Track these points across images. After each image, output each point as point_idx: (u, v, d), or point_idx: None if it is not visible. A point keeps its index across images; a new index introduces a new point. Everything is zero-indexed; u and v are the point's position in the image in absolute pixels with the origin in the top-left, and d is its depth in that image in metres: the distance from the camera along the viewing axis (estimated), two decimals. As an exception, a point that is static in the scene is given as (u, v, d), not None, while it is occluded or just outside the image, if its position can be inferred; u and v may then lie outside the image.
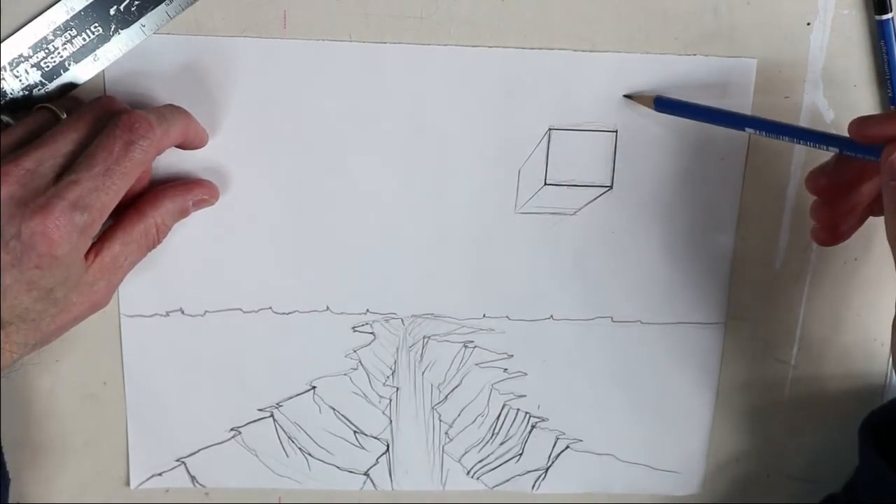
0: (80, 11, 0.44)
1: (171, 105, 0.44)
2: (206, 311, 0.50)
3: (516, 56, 0.46)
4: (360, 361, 0.51)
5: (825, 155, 0.49)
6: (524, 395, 0.53)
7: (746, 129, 0.45)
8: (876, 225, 0.45)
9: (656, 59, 0.47)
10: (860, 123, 0.41)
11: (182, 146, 0.45)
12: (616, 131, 0.48)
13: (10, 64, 0.44)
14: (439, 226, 0.49)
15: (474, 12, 0.46)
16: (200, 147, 0.46)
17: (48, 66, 0.44)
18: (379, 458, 0.53)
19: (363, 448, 0.53)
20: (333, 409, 0.52)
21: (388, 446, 0.53)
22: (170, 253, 0.48)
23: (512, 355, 0.52)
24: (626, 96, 0.47)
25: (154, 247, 0.45)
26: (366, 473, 0.54)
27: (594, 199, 0.49)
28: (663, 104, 0.46)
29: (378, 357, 0.51)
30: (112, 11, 0.44)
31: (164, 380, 0.51)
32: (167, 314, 0.49)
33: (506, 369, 0.52)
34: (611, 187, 0.49)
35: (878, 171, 0.40)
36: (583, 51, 0.47)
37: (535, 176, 0.48)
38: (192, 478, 0.53)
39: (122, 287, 0.47)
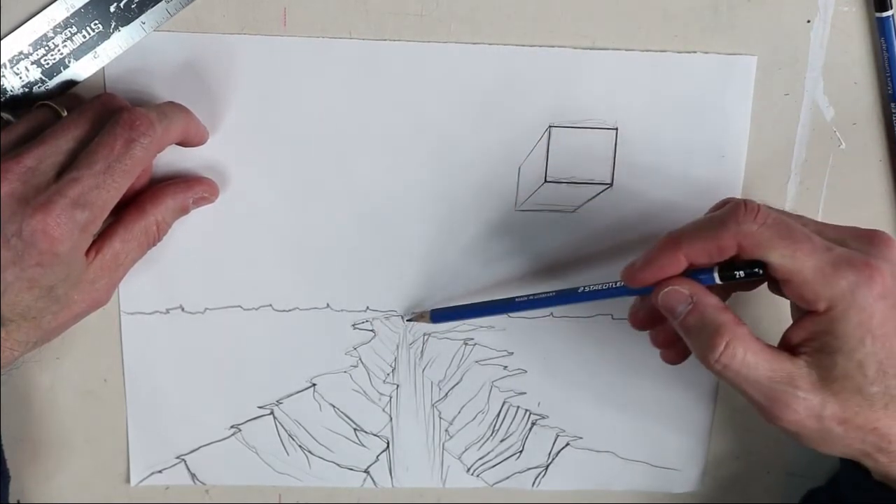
0: (80, 9, 0.44)
1: (171, 102, 0.44)
2: (206, 309, 0.50)
3: (516, 53, 0.46)
4: (360, 359, 0.51)
5: (825, 156, 0.49)
6: (524, 393, 0.53)
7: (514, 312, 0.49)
8: (876, 225, 0.45)
9: (656, 56, 0.47)
10: (627, 274, 0.43)
11: (182, 143, 0.45)
12: (616, 129, 0.48)
13: (11, 61, 0.44)
14: (439, 223, 0.49)
15: (474, 9, 0.46)
16: (201, 144, 0.46)
17: (48, 64, 0.44)
18: (379, 455, 0.53)
19: (363, 445, 0.53)
20: (333, 406, 0.52)
21: (388, 443, 0.53)
22: (170, 250, 0.48)
23: (512, 353, 0.52)
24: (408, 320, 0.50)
25: (154, 244, 0.45)
26: (366, 471, 0.54)
27: (594, 196, 0.49)
28: (439, 317, 0.49)
29: (378, 354, 0.51)
30: (112, 9, 0.44)
31: (165, 377, 0.51)
32: (167, 311, 0.49)
33: (506, 367, 0.52)
34: (611, 185, 0.49)
35: None
36: (583, 48, 0.47)
37: (535, 173, 0.48)
38: (193, 475, 0.53)
39: (123, 284, 0.47)
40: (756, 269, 0.40)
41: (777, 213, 0.40)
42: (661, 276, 0.42)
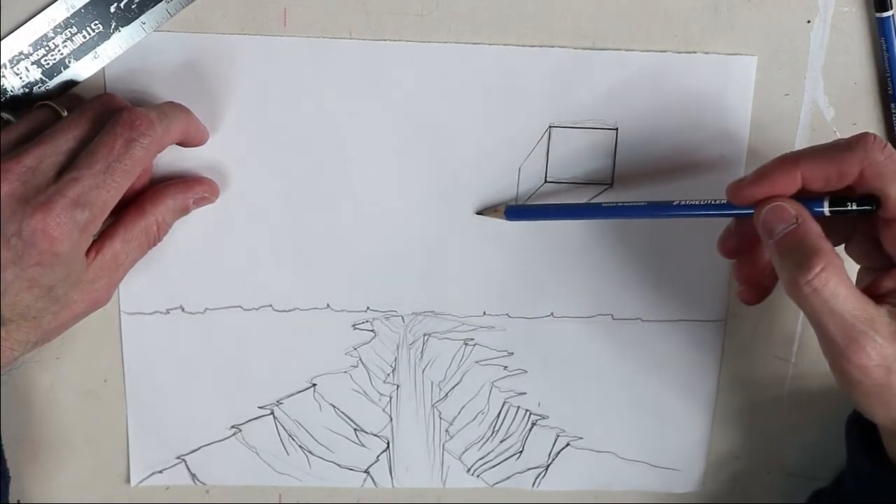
0: (80, 9, 0.44)
1: (171, 102, 0.44)
2: (206, 309, 0.50)
3: (517, 53, 0.46)
4: (360, 359, 0.51)
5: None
6: (524, 393, 0.53)
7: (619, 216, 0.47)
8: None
9: (657, 56, 0.47)
10: (734, 188, 0.42)
11: (182, 144, 0.45)
12: (616, 129, 0.48)
13: (11, 61, 0.44)
14: (439, 223, 0.49)
15: (474, 9, 0.46)
16: (201, 144, 0.46)
17: (49, 64, 0.44)
18: (379, 455, 0.53)
19: (363, 445, 0.53)
20: (334, 406, 0.52)
21: (388, 444, 0.53)
22: (170, 250, 0.48)
23: (512, 353, 0.52)
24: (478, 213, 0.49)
25: (155, 244, 0.45)
26: (366, 471, 0.54)
27: (594, 196, 0.49)
28: (514, 213, 0.48)
29: (378, 354, 0.51)
30: (112, 9, 0.44)
31: (165, 377, 0.51)
32: (167, 311, 0.49)
33: (506, 367, 0.52)
34: (611, 185, 0.49)
35: None
36: (583, 48, 0.47)
37: (535, 173, 0.48)
38: (193, 475, 0.53)
39: (123, 284, 0.47)
40: (870, 205, 0.39)
41: None
42: (770, 192, 0.41)
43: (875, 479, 0.44)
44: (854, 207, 0.40)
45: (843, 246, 0.44)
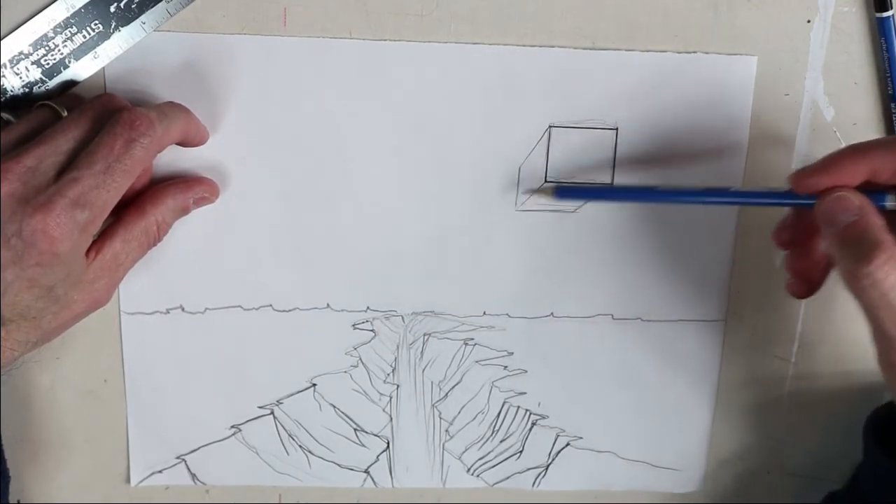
0: (80, 9, 0.44)
1: (171, 102, 0.44)
2: (206, 309, 0.50)
3: (517, 53, 0.46)
4: (360, 359, 0.51)
5: (825, 154, 0.49)
6: (524, 393, 0.53)
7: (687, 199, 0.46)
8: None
9: (657, 56, 0.47)
10: (797, 176, 0.42)
11: (182, 144, 0.45)
12: (616, 129, 0.48)
13: (11, 61, 0.44)
14: (439, 223, 0.49)
15: (474, 9, 0.46)
16: (201, 144, 0.46)
17: (48, 64, 0.44)
18: (379, 455, 0.53)
19: (363, 445, 0.53)
20: (334, 406, 0.52)
21: (388, 444, 0.53)
22: (170, 250, 0.48)
23: (512, 353, 0.52)
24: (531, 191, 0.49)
25: (155, 244, 0.45)
26: (366, 471, 0.54)
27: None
28: (563, 193, 0.48)
29: (378, 354, 0.51)
30: (112, 9, 0.44)
31: (165, 377, 0.51)
32: (167, 311, 0.49)
33: (506, 367, 0.52)
34: (611, 185, 0.49)
35: None
36: (583, 48, 0.47)
37: (535, 173, 0.48)
38: (193, 475, 0.53)
39: (123, 284, 0.47)
40: None
41: None
42: (835, 182, 0.40)
43: (892, 488, 0.44)
44: None
45: None
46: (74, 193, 0.38)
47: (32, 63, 0.44)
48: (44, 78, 0.44)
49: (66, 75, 0.45)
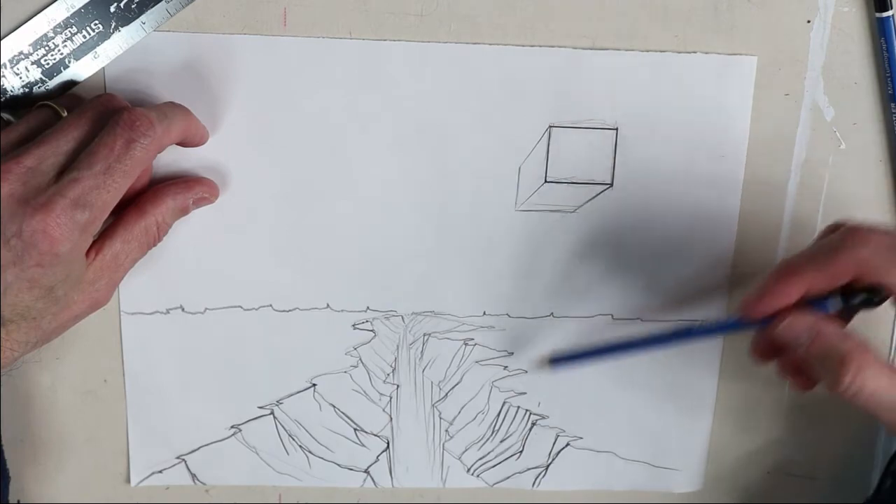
0: (80, 9, 0.44)
1: (171, 102, 0.44)
2: (206, 309, 0.50)
3: (516, 53, 0.46)
4: (360, 359, 0.51)
5: (825, 156, 0.49)
6: (524, 393, 0.53)
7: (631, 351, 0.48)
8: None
9: (657, 56, 0.47)
10: (744, 305, 0.43)
11: (182, 144, 0.45)
12: (616, 129, 0.48)
13: (11, 61, 0.44)
14: (439, 223, 0.49)
15: (474, 9, 0.46)
16: (201, 144, 0.46)
17: (48, 64, 0.44)
18: (379, 455, 0.53)
19: (363, 445, 0.53)
20: (334, 406, 0.52)
21: (388, 444, 0.53)
22: (170, 250, 0.48)
23: (512, 353, 0.52)
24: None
25: (154, 244, 0.45)
26: (366, 471, 0.54)
27: (594, 196, 0.49)
28: (558, 361, 0.50)
29: (378, 354, 0.51)
30: (112, 9, 0.44)
31: (165, 377, 0.51)
32: (167, 311, 0.49)
33: (506, 367, 0.52)
34: (611, 185, 0.49)
35: None
36: (583, 48, 0.47)
37: (535, 173, 0.48)
38: (193, 475, 0.53)
39: (123, 284, 0.47)
40: (875, 296, 0.40)
41: (890, 235, 0.40)
42: (778, 305, 0.42)
43: None
44: (862, 300, 0.41)
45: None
46: (74, 194, 0.38)
47: (32, 63, 0.44)
48: (44, 78, 0.44)
49: (66, 75, 0.44)
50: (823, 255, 0.41)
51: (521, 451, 0.54)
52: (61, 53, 0.44)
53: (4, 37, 0.44)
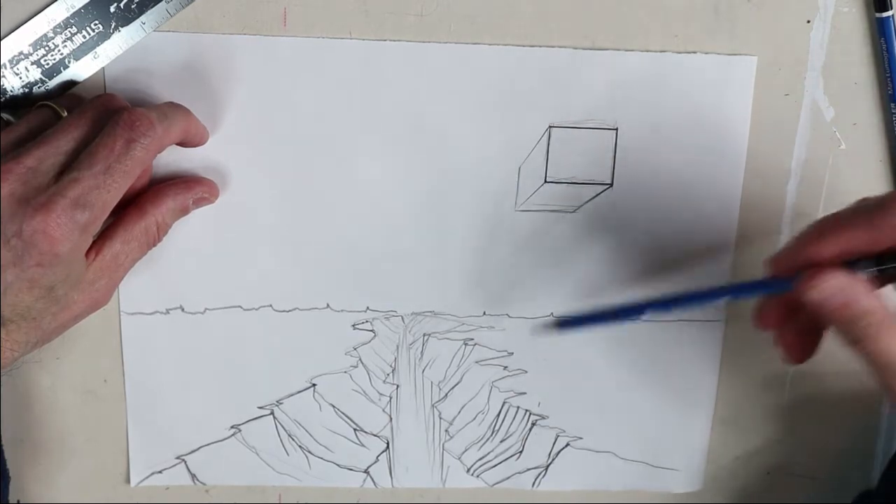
0: (80, 9, 0.44)
1: (171, 103, 0.44)
2: (206, 309, 0.50)
3: (516, 53, 0.46)
4: (360, 359, 0.51)
5: (825, 156, 0.49)
6: (524, 393, 0.53)
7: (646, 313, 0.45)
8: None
9: (656, 56, 0.47)
10: (775, 260, 0.41)
11: (182, 144, 0.45)
12: (616, 129, 0.48)
13: (11, 61, 0.44)
14: (439, 223, 0.49)
15: (474, 9, 0.46)
16: (201, 145, 0.46)
17: (48, 64, 0.44)
18: (379, 455, 0.53)
19: (363, 445, 0.53)
20: (333, 406, 0.52)
21: (388, 444, 0.53)
22: (170, 251, 0.48)
23: (512, 353, 0.52)
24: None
25: (154, 245, 0.45)
26: (366, 471, 0.54)
27: (594, 196, 0.49)
28: (565, 324, 0.47)
29: (378, 354, 0.51)
30: (112, 9, 0.44)
31: (165, 377, 0.51)
32: (167, 312, 0.49)
33: (506, 367, 0.52)
34: (611, 185, 0.49)
35: None
36: (583, 48, 0.47)
37: (535, 173, 0.48)
38: (193, 475, 0.53)
39: (123, 285, 0.47)
40: None
41: None
42: (811, 262, 0.40)
43: None
44: None
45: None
46: (75, 194, 0.38)
47: (32, 63, 0.44)
48: (44, 78, 0.44)
49: (66, 75, 0.44)
50: (866, 214, 0.39)
51: (520, 452, 0.54)
52: (61, 53, 0.44)
53: (4, 37, 0.44)
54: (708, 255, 0.50)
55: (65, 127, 0.40)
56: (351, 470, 0.53)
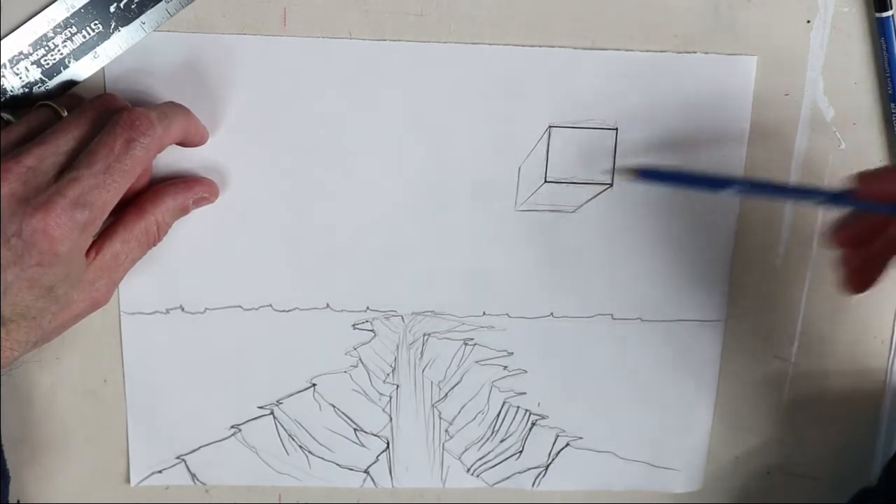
0: (80, 9, 0.44)
1: (171, 102, 0.44)
2: (206, 309, 0.50)
3: (516, 53, 0.46)
4: (360, 359, 0.51)
5: (825, 156, 0.49)
6: (524, 393, 0.53)
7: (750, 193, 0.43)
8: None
9: (657, 56, 0.47)
10: (866, 181, 0.40)
11: (182, 144, 0.45)
12: (616, 129, 0.48)
13: (11, 61, 0.44)
14: (439, 223, 0.49)
15: (474, 9, 0.46)
16: (201, 144, 0.46)
17: (48, 64, 0.44)
18: (379, 455, 0.53)
19: (363, 445, 0.53)
20: (333, 406, 0.52)
21: (388, 444, 0.53)
22: (170, 250, 0.48)
23: (512, 353, 0.52)
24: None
25: (154, 244, 0.45)
26: (366, 471, 0.54)
27: (594, 196, 0.49)
28: (648, 175, 0.44)
29: (378, 354, 0.51)
30: (112, 9, 0.44)
31: (165, 377, 0.51)
32: (167, 311, 0.49)
33: (506, 367, 0.52)
34: (611, 185, 0.49)
35: None
36: (583, 48, 0.47)
37: (535, 173, 0.48)
38: (193, 475, 0.53)
39: (123, 284, 0.47)
40: None
41: None
42: None
43: None
44: None
45: None
46: (74, 193, 0.38)
47: (32, 63, 0.44)
48: (44, 78, 0.44)
49: (66, 75, 0.45)
50: None
51: (520, 451, 0.54)
52: (61, 53, 0.44)
53: (4, 37, 0.44)
54: (707, 255, 0.50)
55: (65, 127, 0.40)
56: (351, 470, 0.53)
